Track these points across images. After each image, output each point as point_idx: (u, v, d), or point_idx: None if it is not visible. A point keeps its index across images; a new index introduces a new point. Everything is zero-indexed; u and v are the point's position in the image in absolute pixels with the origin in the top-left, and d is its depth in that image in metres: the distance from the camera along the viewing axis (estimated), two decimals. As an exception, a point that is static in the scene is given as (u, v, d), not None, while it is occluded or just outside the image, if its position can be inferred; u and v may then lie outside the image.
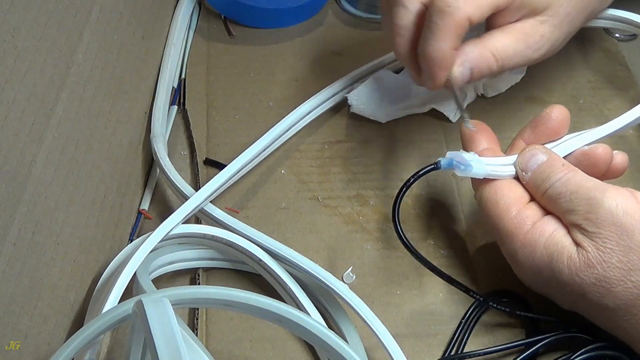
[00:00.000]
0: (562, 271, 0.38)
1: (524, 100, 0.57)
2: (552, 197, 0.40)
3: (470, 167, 0.41)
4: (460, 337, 0.44)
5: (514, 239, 0.40)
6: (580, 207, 0.38)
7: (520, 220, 0.40)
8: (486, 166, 0.42)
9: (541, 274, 0.40)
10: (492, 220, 0.41)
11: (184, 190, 0.47)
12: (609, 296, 0.37)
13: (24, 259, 0.34)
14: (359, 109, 0.54)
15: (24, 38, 0.34)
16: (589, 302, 0.39)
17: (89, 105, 0.42)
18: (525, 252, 0.40)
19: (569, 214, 0.39)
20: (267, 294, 0.45)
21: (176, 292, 0.35)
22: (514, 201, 0.41)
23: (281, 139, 0.51)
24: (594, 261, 0.37)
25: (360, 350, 0.42)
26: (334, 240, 0.49)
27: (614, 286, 0.37)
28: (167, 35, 0.59)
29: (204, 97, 0.57)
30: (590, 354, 0.40)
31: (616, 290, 0.37)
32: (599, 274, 0.37)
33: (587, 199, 0.38)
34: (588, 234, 0.38)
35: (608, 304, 0.38)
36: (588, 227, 0.38)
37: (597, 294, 0.38)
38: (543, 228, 0.40)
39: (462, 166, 0.42)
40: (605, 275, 0.37)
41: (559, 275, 0.39)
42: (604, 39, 0.61)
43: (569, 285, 0.38)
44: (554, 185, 0.40)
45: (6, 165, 0.32)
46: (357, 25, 0.63)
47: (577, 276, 0.38)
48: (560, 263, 0.38)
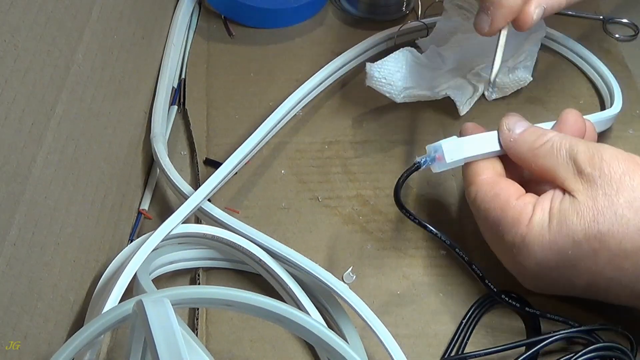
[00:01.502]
0: (576, 230, 0.38)
1: (524, 100, 0.57)
2: (549, 151, 0.41)
3: (440, 147, 0.43)
4: (460, 338, 0.44)
5: (520, 224, 0.40)
6: (583, 154, 0.40)
7: (523, 205, 0.41)
8: (463, 143, 0.43)
9: (554, 250, 0.39)
10: (493, 213, 0.41)
11: (184, 190, 0.47)
12: (628, 236, 0.37)
13: (24, 259, 0.34)
14: (378, 82, 0.52)
15: (24, 38, 0.34)
16: (606, 260, 0.38)
17: (89, 105, 0.42)
18: (535, 232, 0.39)
19: (569, 165, 0.40)
20: (267, 294, 0.45)
21: (176, 292, 0.35)
22: (513, 192, 0.42)
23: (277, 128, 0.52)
24: (606, 203, 0.38)
25: (360, 350, 0.42)
26: (334, 240, 0.49)
27: (632, 222, 0.37)
28: (167, 35, 0.59)
29: (204, 97, 0.57)
30: (591, 355, 0.40)
31: (635, 227, 0.37)
32: (614, 213, 0.38)
33: (588, 146, 0.40)
34: (593, 179, 0.39)
35: (627, 247, 0.37)
36: (593, 170, 0.39)
37: (616, 240, 0.38)
38: (544, 204, 0.40)
39: (434, 152, 0.43)
40: (622, 214, 0.37)
41: (574, 235, 0.38)
42: (604, 39, 0.61)
43: (586, 241, 0.38)
44: (552, 139, 0.41)
45: (6, 165, 0.32)
46: (357, 25, 0.63)
47: (594, 224, 0.38)
48: (572, 223, 0.38)
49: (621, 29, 0.63)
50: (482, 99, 0.57)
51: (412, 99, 0.54)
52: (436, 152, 0.43)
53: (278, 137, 0.53)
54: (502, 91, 0.56)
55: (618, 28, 0.62)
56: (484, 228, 0.44)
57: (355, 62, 0.58)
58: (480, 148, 0.44)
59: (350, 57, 0.57)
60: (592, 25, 0.63)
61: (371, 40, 0.58)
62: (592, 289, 0.41)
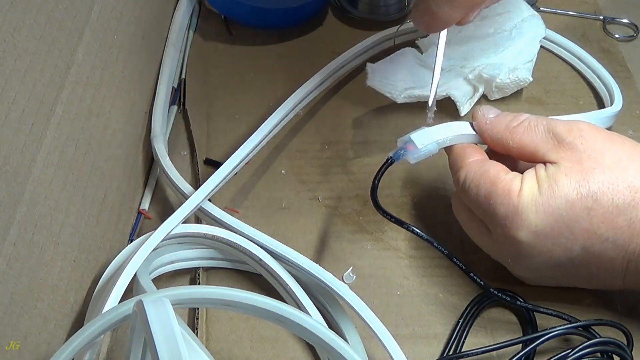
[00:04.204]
0: (567, 190, 0.39)
1: (524, 100, 0.57)
2: (527, 127, 0.42)
3: (409, 137, 0.43)
4: (458, 336, 0.44)
5: (511, 195, 0.40)
6: (561, 126, 0.42)
7: (512, 177, 0.41)
8: (432, 130, 0.44)
9: (548, 213, 0.40)
10: (484, 188, 0.41)
11: (184, 190, 0.47)
12: (620, 192, 0.39)
13: (24, 259, 0.34)
14: (378, 83, 0.53)
15: (24, 38, 0.34)
16: (601, 218, 0.39)
17: (89, 105, 0.42)
18: (527, 200, 0.40)
19: (548, 138, 0.42)
20: (267, 294, 0.45)
21: (176, 292, 0.35)
22: (502, 168, 0.43)
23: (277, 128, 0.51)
24: (591, 164, 0.40)
25: (360, 350, 0.42)
26: (334, 240, 0.49)
27: (620, 178, 0.39)
28: (167, 35, 0.59)
29: (204, 97, 0.57)
30: (587, 350, 0.40)
31: (624, 183, 0.39)
32: (602, 173, 0.39)
33: (564, 121, 0.42)
34: (575, 145, 0.40)
35: (619, 203, 0.39)
36: (575, 139, 0.41)
37: (607, 197, 0.39)
38: (530, 175, 0.41)
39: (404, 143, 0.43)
40: (611, 172, 0.39)
41: (566, 195, 0.39)
42: (604, 39, 0.61)
43: (579, 199, 0.39)
44: (528, 118, 0.43)
45: (6, 165, 0.32)
46: (357, 25, 0.63)
47: (584, 183, 0.39)
48: (562, 185, 0.39)
49: (621, 29, 0.63)
50: (482, 99, 0.57)
51: (412, 99, 0.54)
52: (406, 143, 0.43)
53: (278, 137, 0.53)
54: (502, 91, 0.56)
55: (618, 28, 0.63)
56: (474, 209, 0.43)
57: (355, 62, 0.58)
58: (450, 131, 0.44)
59: (350, 57, 0.57)
60: (592, 25, 0.63)
61: (371, 40, 0.58)
62: (587, 258, 0.41)
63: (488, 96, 0.56)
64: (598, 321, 0.42)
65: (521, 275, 0.45)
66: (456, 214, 0.46)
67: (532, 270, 0.43)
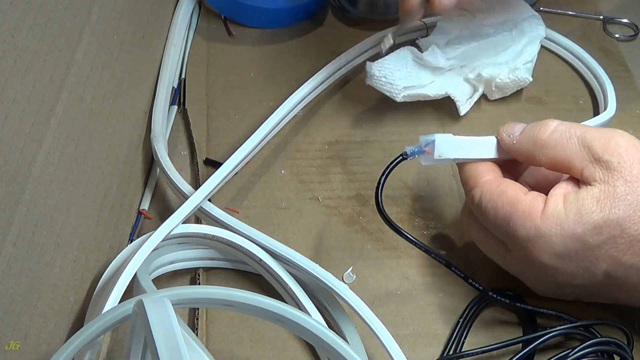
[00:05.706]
0: (596, 218, 0.38)
1: (524, 100, 0.57)
2: (558, 140, 0.40)
3: (433, 141, 0.42)
4: (458, 336, 0.44)
5: (533, 216, 0.39)
6: (597, 140, 0.39)
7: (532, 198, 0.40)
8: (458, 142, 0.43)
9: (574, 238, 0.38)
10: (502, 210, 0.40)
11: (184, 190, 0.47)
12: None
13: (24, 259, 0.34)
14: (378, 81, 0.53)
15: (24, 38, 0.34)
16: (627, 245, 0.38)
17: (89, 105, 0.42)
18: (551, 223, 0.39)
19: (583, 154, 0.39)
20: (267, 294, 0.45)
21: (176, 292, 0.35)
22: (519, 188, 0.41)
23: (277, 128, 0.51)
24: (626, 189, 0.37)
25: (360, 350, 0.42)
26: (334, 240, 0.49)
27: None
28: (167, 35, 0.59)
29: (204, 97, 0.57)
30: (588, 350, 0.40)
31: None
32: (634, 200, 0.37)
33: (600, 132, 0.39)
34: (612, 166, 0.38)
35: None
36: (612, 157, 0.38)
37: (637, 225, 0.37)
38: (556, 195, 0.40)
39: (425, 144, 0.42)
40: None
41: (594, 222, 0.38)
42: (604, 39, 0.61)
43: (607, 227, 0.38)
44: (557, 128, 0.40)
45: (6, 165, 0.32)
46: (357, 25, 0.63)
47: (614, 211, 0.37)
48: (591, 212, 0.38)
49: (621, 29, 0.63)
50: (482, 99, 0.57)
51: (412, 98, 0.54)
52: (427, 145, 0.42)
53: (278, 137, 0.53)
54: (502, 91, 0.56)
55: (618, 28, 0.63)
56: (492, 229, 0.42)
57: (355, 62, 0.58)
58: (474, 152, 0.43)
59: (350, 57, 0.57)
60: (592, 25, 0.63)
61: (371, 40, 0.58)
62: (610, 282, 0.40)
63: (488, 96, 0.57)
64: (598, 321, 0.42)
65: (538, 289, 0.44)
66: (467, 231, 0.45)
67: (552, 288, 0.43)
